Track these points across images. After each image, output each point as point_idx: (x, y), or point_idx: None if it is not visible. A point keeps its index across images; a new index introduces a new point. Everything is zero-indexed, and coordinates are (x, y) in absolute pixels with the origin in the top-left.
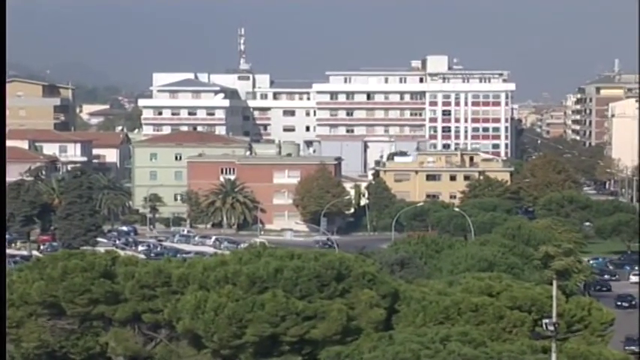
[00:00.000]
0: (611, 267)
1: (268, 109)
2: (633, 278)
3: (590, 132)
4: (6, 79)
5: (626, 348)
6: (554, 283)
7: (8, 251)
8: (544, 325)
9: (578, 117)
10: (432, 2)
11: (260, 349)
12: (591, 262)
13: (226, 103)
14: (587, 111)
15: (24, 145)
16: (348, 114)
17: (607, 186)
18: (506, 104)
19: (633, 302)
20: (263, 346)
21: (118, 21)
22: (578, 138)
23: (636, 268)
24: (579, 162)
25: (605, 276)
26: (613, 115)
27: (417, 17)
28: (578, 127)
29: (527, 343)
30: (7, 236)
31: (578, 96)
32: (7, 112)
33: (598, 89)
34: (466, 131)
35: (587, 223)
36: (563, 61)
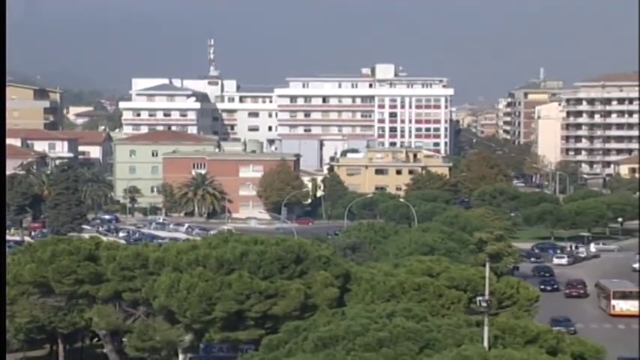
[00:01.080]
0: (536, 250)
1: (235, 111)
2: (556, 260)
3: (519, 132)
4: (6, 80)
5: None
6: (487, 265)
7: (10, 236)
8: (478, 302)
9: (508, 118)
10: (380, 15)
11: (227, 324)
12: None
13: (197, 105)
14: (517, 113)
15: (17, 142)
16: (305, 115)
17: (533, 179)
18: (446, 107)
19: (555, 285)
20: (230, 322)
21: (101, 32)
22: (508, 137)
23: (558, 251)
24: (509, 158)
25: (532, 259)
26: (539, 117)
27: (366, 28)
28: (508, 128)
29: (463, 318)
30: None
31: (509, 100)
32: (13, 113)
33: (526, 94)
34: (410, 131)
35: (516, 212)
36: (496, 69)
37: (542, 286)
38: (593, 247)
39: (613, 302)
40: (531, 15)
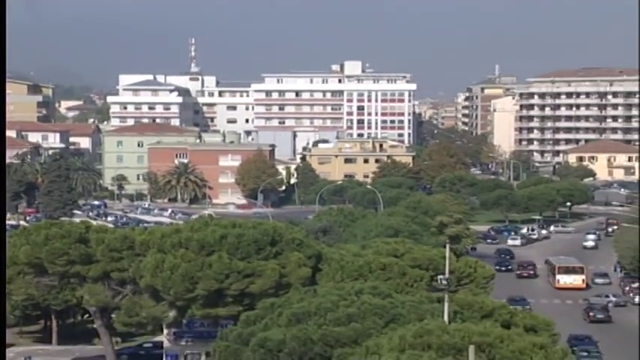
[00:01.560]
0: (492, 232)
1: (214, 104)
2: (510, 242)
3: (476, 124)
4: (6, 78)
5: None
6: (447, 246)
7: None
8: (438, 280)
9: (466, 111)
10: (349, 14)
11: (208, 301)
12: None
13: (180, 99)
14: (474, 107)
15: (12, 134)
16: (280, 109)
17: (489, 167)
18: (409, 101)
19: (510, 267)
20: (210, 299)
21: (90, 30)
22: (466, 128)
23: (513, 233)
24: (467, 148)
25: (487, 240)
26: (494, 110)
27: (336, 28)
28: (466, 120)
29: (425, 295)
30: None
31: (467, 94)
32: (10, 106)
33: (482, 89)
34: (376, 123)
35: (474, 198)
36: (455, 65)
37: (497, 267)
38: (552, 229)
39: (558, 277)
40: (487, 14)
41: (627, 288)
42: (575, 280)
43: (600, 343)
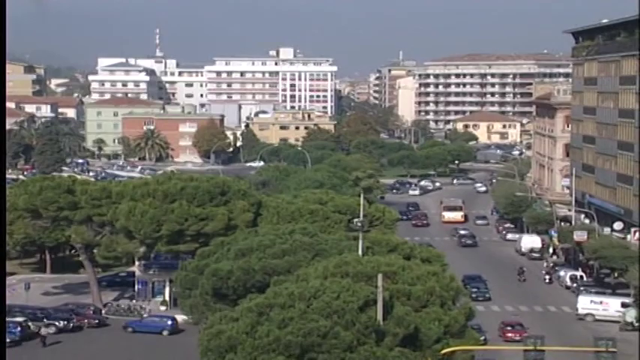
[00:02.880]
0: (398, 185)
1: (175, 82)
2: (411, 192)
3: (385, 98)
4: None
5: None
6: (362, 195)
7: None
8: (355, 223)
9: (377, 88)
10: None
11: (171, 240)
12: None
13: (147, 78)
14: (383, 84)
15: (12, 105)
16: (228, 86)
17: (395, 133)
18: (331, 80)
19: (410, 216)
20: (173, 238)
21: (74, 20)
22: (377, 102)
23: (414, 185)
24: (378, 117)
25: (393, 191)
26: (399, 87)
27: (273, 19)
28: (377, 95)
29: (344, 234)
30: None
31: (377, 74)
32: (9, 83)
33: (389, 70)
34: (305, 97)
35: (382, 157)
36: (368, 51)
37: (402, 216)
38: (455, 181)
39: (443, 213)
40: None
41: (500, 227)
42: (456, 215)
43: (467, 258)
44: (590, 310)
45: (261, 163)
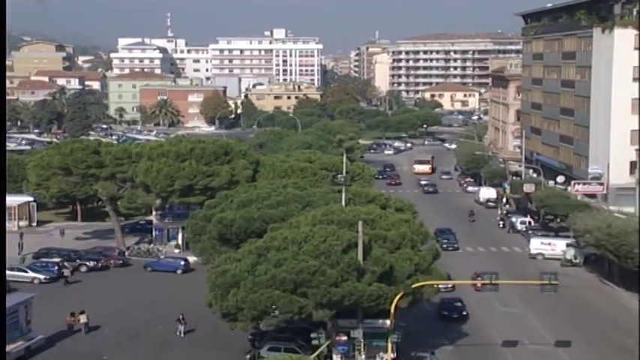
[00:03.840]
0: (375, 145)
1: (184, 59)
2: (386, 152)
3: (363, 72)
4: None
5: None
6: (344, 155)
7: (40, 138)
8: (339, 178)
9: (356, 63)
10: None
11: (183, 193)
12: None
13: (160, 55)
14: (362, 60)
15: (45, 79)
16: (229, 61)
17: (372, 101)
18: (317, 56)
19: (385, 176)
20: (184, 191)
21: (99, 5)
22: (357, 75)
23: (389, 145)
24: (357, 88)
25: (371, 151)
26: (375, 63)
27: (268, 2)
28: (357, 69)
29: (329, 188)
30: (37, 130)
31: (357, 52)
32: (36, 61)
33: (367, 48)
34: (295, 71)
35: (362, 122)
36: (349, 31)
37: (379, 176)
38: (426, 142)
39: (414, 166)
40: None
41: (462, 181)
42: (425, 167)
43: (430, 204)
44: (540, 250)
45: (258, 127)
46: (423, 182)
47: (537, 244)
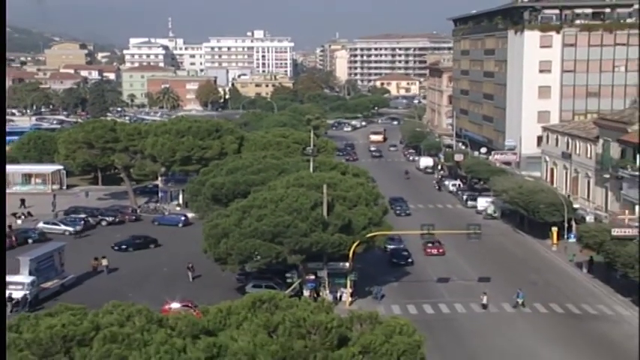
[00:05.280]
0: (336, 124)
1: (182, 54)
2: (345, 129)
3: (327, 65)
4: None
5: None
6: (312, 131)
7: (68, 119)
8: (307, 150)
9: (321, 58)
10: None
11: (182, 162)
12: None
13: (163, 52)
14: (325, 55)
15: (71, 71)
16: (219, 57)
17: (334, 88)
18: (290, 52)
19: (345, 152)
20: (183, 161)
21: (112, 10)
22: (321, 67)
23: (347, 124)
24: (322, 78)
25: (333, 128)
26: (336, 57)
27: (250, 6)
28: (321, 62)
29: (300, 158)
30: (65, 113)
31: (321, 48)
32: (64, 57)
33: (330, 45)
34: (273, 64)
35: (327, 105)
36: (314, 31)
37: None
38: (380, 121)
39: (370, 136)
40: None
41: (406, 152)
42: (378, 137)
43: (379, 167)
44: (485, 207)
45: (243, 110)
46: (372, 149)
47: (483, 202)
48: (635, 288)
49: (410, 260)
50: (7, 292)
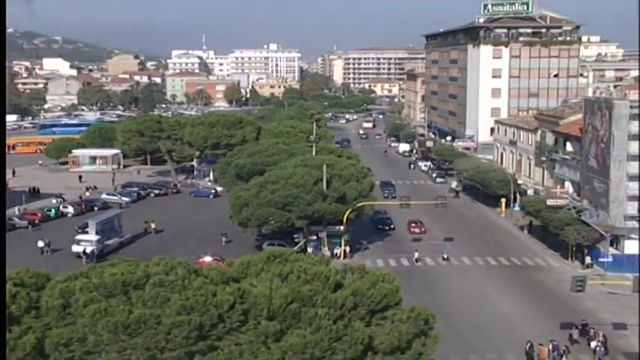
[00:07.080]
0: (334, 117)
1: (214, 63)
2: (341, 121)
3: (327, 71)
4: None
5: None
6: (314, 123)
7: (124, 113)
8: (311, 138)
9: (322, 65)
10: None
11: (213, 147)
12: None
13: (198, 61)
14: (326, 64)
15: (127, 76)
16: (242, 65)
17: (332, 90)
18: (297, 61)
19: (341, 146)
20: (214, 146)
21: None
22: (322, 73)
23: (343, 117)
24: (323, 82)
25: (331, 120)
26: (334, 65)
27: (270, 20)
28: (322, 69)
29: (305, 144)
30: (122, 108)
31: (322, 58)
32: (122, 65)
33: (329, 55)
34: (284, 71)
35: (326, 102)
36: (317, 44)
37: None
38: (373, 115)
39: (362, 124)
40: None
41: (388, 140)
42: (369, 124)
43: (367, 151)
44: (457, 185)
45: (260, 106)
46: (360, 132)
47: (455, 184)
48: (564, 245)
49: (392, 226)
50: (82, 248)
